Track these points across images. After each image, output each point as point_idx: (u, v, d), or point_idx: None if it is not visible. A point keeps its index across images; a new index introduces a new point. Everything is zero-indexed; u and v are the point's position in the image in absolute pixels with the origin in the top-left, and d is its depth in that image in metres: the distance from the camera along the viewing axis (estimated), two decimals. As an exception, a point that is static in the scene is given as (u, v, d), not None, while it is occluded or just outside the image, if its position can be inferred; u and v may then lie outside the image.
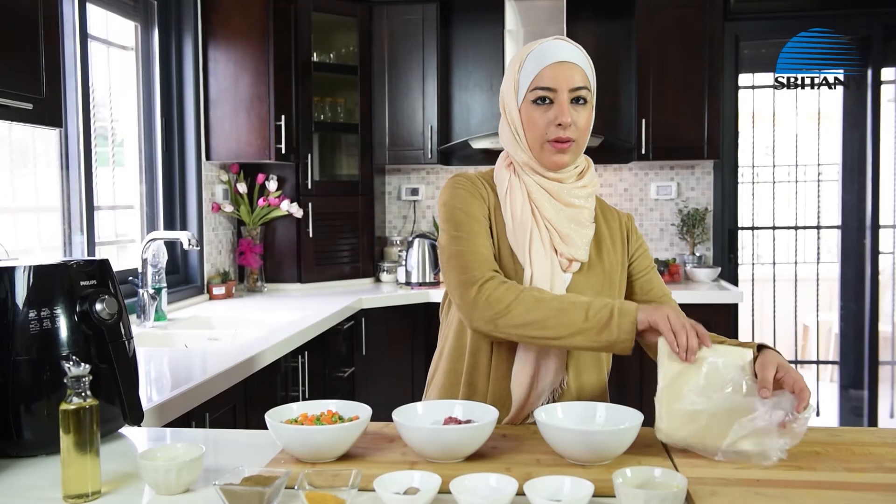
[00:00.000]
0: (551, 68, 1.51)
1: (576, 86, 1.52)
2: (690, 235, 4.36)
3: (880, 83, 4.26)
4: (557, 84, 1.51)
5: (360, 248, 4.26)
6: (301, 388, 2.89)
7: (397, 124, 4.27)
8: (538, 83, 1.52)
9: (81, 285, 1.40)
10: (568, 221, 1.56)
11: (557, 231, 1.55)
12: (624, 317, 1.39)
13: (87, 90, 2.84)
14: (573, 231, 1.56)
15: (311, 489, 1.10)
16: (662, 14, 4.06)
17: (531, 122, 1.53)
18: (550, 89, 1.51)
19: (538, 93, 1.52)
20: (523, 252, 1.54)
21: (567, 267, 1.56)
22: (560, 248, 1.55)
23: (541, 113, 1.52)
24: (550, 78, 1.51)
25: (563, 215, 1.56)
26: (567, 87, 1.51)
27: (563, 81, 1.51)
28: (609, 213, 1.70)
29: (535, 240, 1.54)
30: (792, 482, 1.18)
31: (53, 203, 2.77)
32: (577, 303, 1.43)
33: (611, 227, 1.67)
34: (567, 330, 1.41)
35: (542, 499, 1.06)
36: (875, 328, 4.33)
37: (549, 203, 1.56)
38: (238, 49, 3.65)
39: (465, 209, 1.55)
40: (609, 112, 4.40)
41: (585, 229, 1.58)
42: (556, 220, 1.55)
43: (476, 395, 1.57)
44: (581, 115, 1.53)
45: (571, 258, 1.56)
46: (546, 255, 1.53)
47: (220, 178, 3.83)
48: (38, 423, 1.34)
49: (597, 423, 1.37)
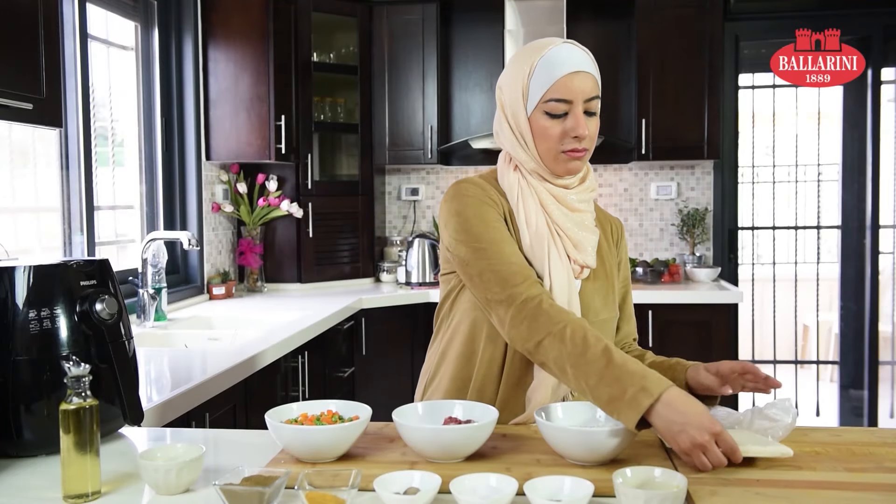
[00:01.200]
0: (567, 79, 1.46)
1: (590, 96, 1.48)
2: (690, 235, 4.36)
3: (880, 83, 4.26)
4: (574, 96, 1.46)
5: (360, 248, 4.26)
6: (301, 388, 2.89)
7: (397, 124, 4.27)
8: (553, 95, 1.46)
9: (81, 285, 1.40)
10: (577, 227, 1.54)
11: (570, 237, 1.53)
12: (632, 409, 1.23)
13: (87, 90, 2.83)
14: (583, 237, 1.54)
15: (311, 489, 1.10)
16: (662, 14, 4.06)
17: (544, 133, 1.49)
18: (566, 101, 1.47)
19: (553, 105, 1.47)
20: (542, 262, 1.50)
21: (579, 274, 1.55)
22: (573, 255, 1.53)
23: (555, 124, 1.48)
24: (566, 90, 1.46)
25: (571, 221, 1.54)
26: (582, 99, 1.47)
27: (580, 93, 1.46)
28: (603, 217, 1.69)
29: (553, 248, 1.51)
30: (792, 482, 1.18)
31: (53, 203, 2.77)
32: (611, 370, 1.28)
33: (605, 231, 1.66)
34: (584, 384, 1.31)
35: (542, 499, 1.06)
36: (875, 328, 4.33)
37: (559, 209, 1.53)
38: (238, 49, 3.65)
39: (482, 217, 1.49)
40: (609, 112, 4.40)
41: (592, 234, 1.57)
42: (566, 226, 1.53)
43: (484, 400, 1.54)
44: (592, 122, 1.50)
45: (584, 265, 1.55)
46: (563, 264, 1.51)
47: (220, 178, 3.83)
48: (38, 423, 1.34)
49: (597, 423, 1.37)
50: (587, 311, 1.55)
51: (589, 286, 1.57)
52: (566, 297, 1.50)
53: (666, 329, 3.80)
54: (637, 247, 4.50)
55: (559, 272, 1.50)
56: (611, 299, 1.60)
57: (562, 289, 1.49)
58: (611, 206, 4.49)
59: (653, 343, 3.71)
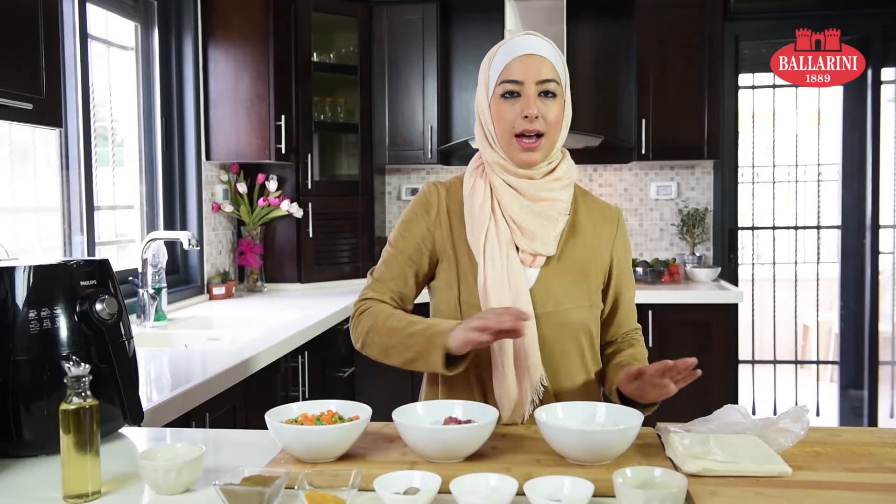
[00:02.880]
0: (518, 61, 1.51)
1: (543, 78, 1.51)
2: (690, 235, 4.36)
3: (880, 83, 4.26)
4: (525, 76, 1.50)
5: (360, 248, 4.26)
6: (301, 388, 2.89)
7: (397, 124, 4.27)
8: (506, 76, 1.51)
9: (81, 285, 1.40)
10: (535, 217, 1.54)
11: (520, 227, 1.54)
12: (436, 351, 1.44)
13: (87, 90, 2.83)
14: (539, 226, 1.54)
15: (311, 489, 1.10)
16: (662, 14, 4.06)
17: (500, 116, 1.53)
18: (517, 82, 1.51)
19: (506, 86, 1.51)
20: (478, 250, 1.54)
21: (531, 262, 1.55)
22: (522, 245, 1.54)
23: (509, 106, 1.52)
24: (518, 70, 1.50)
25: (528, 211, 1.54)
26: (534, 80, 1.50)
27: (531, 74, 1.50)
28: (593, 204, 1.66)
29: (491, 237, 1.54)
30: (792, 482, 1.18)
31: (53, 203, 2.77)
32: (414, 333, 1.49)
33: (595, 218, 1.63)
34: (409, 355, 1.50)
35: (542, 499, 1.06)
36: (875, 328, 4.33)
37: (515, 199, 1.55)
38: (238, 49, 3.65)
39: (405, 227, 1.62)
40: (609, 112, 4.41)
41: (555, 222, 1.56)
42: (519, 217, 1.54)
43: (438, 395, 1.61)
44: (550, 108, 1.51)
45: (535, 253, 1.55)
46: (501, 252, 1.53)
47: (220, 178, 3.83)
48: (38, 423, 1.34)
49: (597, 423, 1.37)
50: (544, 299, 1.54)
51: (549, 273, 1.56)
52: (502, 283, 1.51)
53: (666, 329, 3.80)
54: (637, 247, 4.50)
55: (495, 261, 1.52)
56: (581, 289, 1.57)
57: (496, 275, 1.51)
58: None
59: (653, 343, 3.71)
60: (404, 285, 1.63)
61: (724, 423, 1.39)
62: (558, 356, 1.56)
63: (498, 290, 1.51)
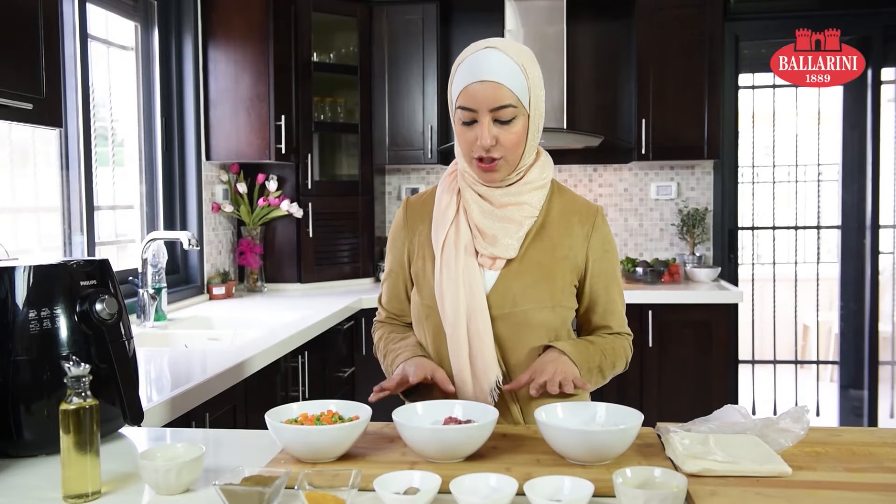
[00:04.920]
0: (473, 88, 1.47)
1: (498, 105, 1.46)
2: (690, 235, 4.36)
3: (880, 83, 4.26)
4: (477, 105, 1.47)
5: (360, 248, 4.26)
6: (301, 388, 2.89)
7: (397, 124, 4.28)
8: (461, 103, 1.49)
9: (81, 285, 1.40)
10: (497, 221, 1.55)
11: (482, 233, 1.55)
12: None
13: (87, 90, 2.84)
14: (501, 230, 1.55)
15: (311, 489, 1.10)
16: (662, 14, 4.06)
17: (461, 139, 1.54)
18: (471, 110, 1.49)
19: (461, 113, 1.50)
20: (437, 252, 1.57)
21: (491, 265, 1.56)
22: (481, 249, 1.55)
23: (467, 131, 1.51)
24: (472, 99, 1.47)
25: (492, 217, 1.55)
26: (487, 108, 1.47)
27: (483, 102, 1.46)
28: (571, 202, 1.63)
29: (449, 242, 1.56)
30: (792, 482, 1.18)
31: (53, 203, 2.77)
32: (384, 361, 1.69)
33: (568, 217, 1.60)
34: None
35: (542, 499, 1.06)
36: (875, 328, 4.33)
37: (478, 206, 1.56)
38: (238, 49, 3.65)
39: (391, 250, 1.71)
40: (609, 112, 4.41)
41: (519, 225, 1.56)
42: (483, 224, 1.55)
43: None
44: (507, 133, 1.49)
45: (494, 256, 1.55)
46: (457, 255, 1.55)
47: (220, 178, 3.83)
48: (38, 423, 1.34)
49: (597, 423, 1.37)
50: (501, 301, 1.54)
51: (509, 275, 1.56)
52: (457, 285, 1.53)
53: (666, 329, 3.80)
54: (637, 247, 4.50)
55: (451, 264, 1.55)
56: (542, 290, 1.55)
57: (450, 277, 1.55)
58: (611, 206, 4.49)
59: (653, 343, 3.71)
60: (399, 302, 1.72)
61: (724, 423, 1.39)
62: (519, 356, 1.56)
63: (452, 292, 1.53)
